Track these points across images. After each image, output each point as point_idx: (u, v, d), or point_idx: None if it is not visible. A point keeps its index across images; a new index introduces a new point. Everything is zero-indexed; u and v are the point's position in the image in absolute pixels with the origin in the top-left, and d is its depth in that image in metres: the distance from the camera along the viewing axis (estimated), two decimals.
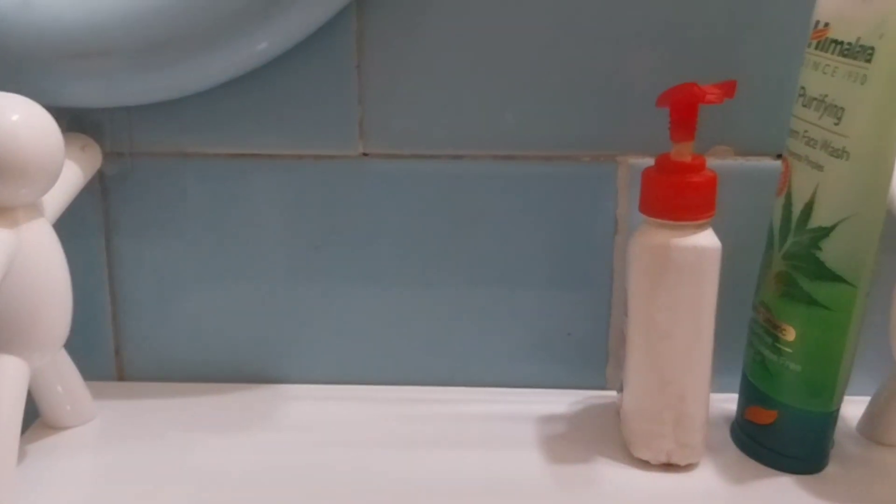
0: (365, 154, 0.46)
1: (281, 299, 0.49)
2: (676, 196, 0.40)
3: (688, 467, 0.42)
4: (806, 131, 0.39)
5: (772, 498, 0.40)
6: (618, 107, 0.45)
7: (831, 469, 0.42)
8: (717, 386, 0.45)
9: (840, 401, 0.41)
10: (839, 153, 0.37)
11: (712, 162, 0.45)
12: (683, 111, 0.39)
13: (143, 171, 0.47)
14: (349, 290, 0.48)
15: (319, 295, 0.48)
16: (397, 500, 0.40)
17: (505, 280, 0.48)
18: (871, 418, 0.44)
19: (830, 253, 0.38)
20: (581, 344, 0.49)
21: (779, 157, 0.43)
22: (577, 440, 0.44)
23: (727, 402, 0.45)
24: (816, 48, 0.39)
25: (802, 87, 0.40)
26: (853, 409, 0.45)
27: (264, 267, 0.48)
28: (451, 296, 0.48)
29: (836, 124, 0.37)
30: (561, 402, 0.47)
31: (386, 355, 0.49)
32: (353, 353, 0.49)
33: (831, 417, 0.41)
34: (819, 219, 0.39)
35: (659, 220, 0.40)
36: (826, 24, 0.39)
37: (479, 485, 0.41)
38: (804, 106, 0.40)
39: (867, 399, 0.45)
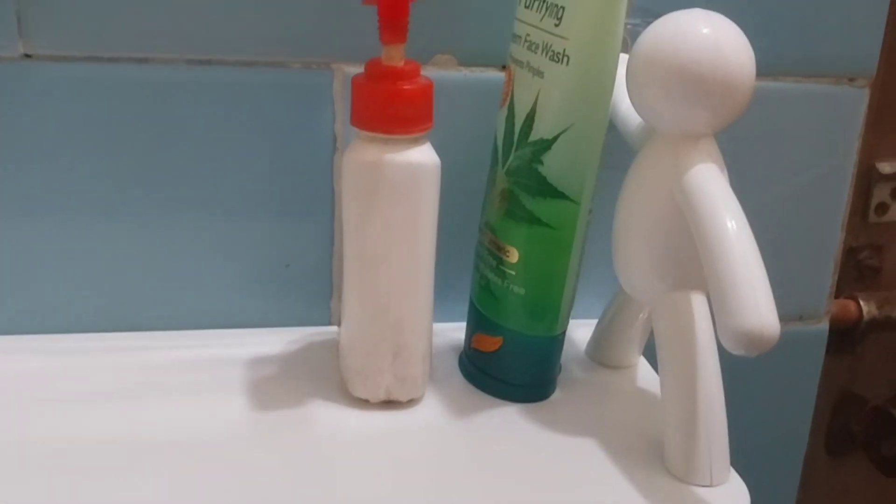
0: (27, 55, 0.38)
1: None
2: (387, 106, 0.35)
3: (409, 403, 0.38)
4: (528, 35, 0.36)
5: (494, 430, 0.38)
6: (331, 7, 0.40)
7: (558, 395, 0.40)
8: (447, 314, 0.43)
9: (565, 324, 0.39)
10: (559, 57, 0.34)
11: (434, 73, 0.41)
12: (392, 7, 0.35)
13: None
14: (19, 220, 0.40)
15: None
16: (89, 459, 0.34)
17: (210, 207, 0.42)
18: (597, 341, 0.43)
19: (552, 167, 0.36)
20: (302, 276, 0.44)
21: (504, 67, 0.40)
22: (293, 382, 0.40)
23: (457, 332, 0.43)
24: None
25: None
26: (583, 332, 0.44)
27: None
28: (146, 226, 0.41)
29: (557, 25, 0.35)
30: (278, 341, 0.43)
31: (72, 298, 0.42)
32: (32, 298, 0.42)
33: (556, 342, 0.39)
34: (541, 130, 0.36)
35: (370, 134, 0.36)
36: None
37: (181, 437, 0.36)
38: (526, 7, 0.37)
39: (595, 322, 0.44)
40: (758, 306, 0.30)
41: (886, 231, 0.60)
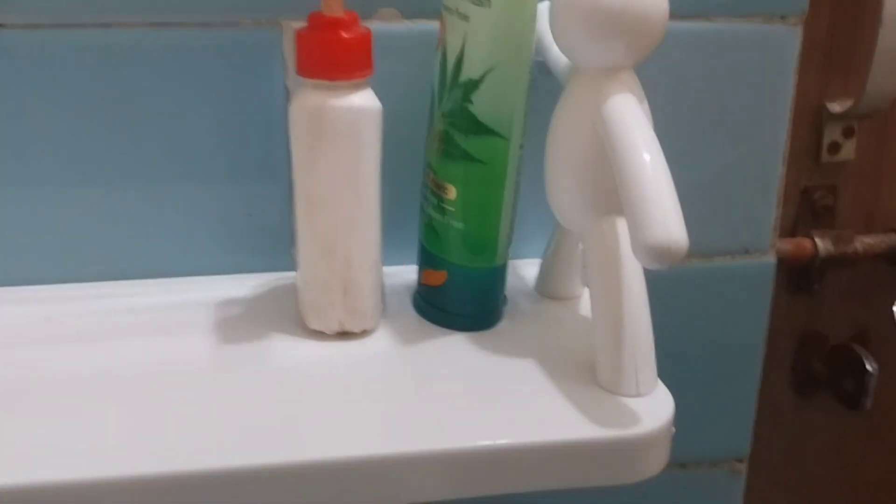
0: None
1: None
2: (328, 53, 0.38)
3: (362, 334, 0.41)
4: None
5: (442, 355, 0.40)
6: None
7: (503, 325, 0.43)
8: (403, 257, 0.45)
9: (505, 256, 0.42)
10: (481, 1, 0.37)
11: (379, 26, 0.44)
12: None
13: None
14: None
15: None
16: (59, 396, 0.37)
17: (174, 162, 0.44)
18: (542, 275, 0.45)
19: (481, 105, 0.38)
20: (264, 226, 0.46)
21: None
22: (254, 320, 0.42)
23: (412, 273, 0.45)
24: None
25: None
26: (534, 269, 0.47)
27: None
28: (115, 183, 0.44)
29: None
30: (243, 286, 0.45)
31: (48, 252, 0.45)
32: (9, 253, 0.45)
33: (497, 273, 0.42)
34: (469, 70, 0.38)
35: (314, 81, 0.38)
36: None
37: (149, 371, 0.39)
38: None
39: None
40: (665, 221, 0.33)
41: (840, 170, 0.62)
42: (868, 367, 0.63)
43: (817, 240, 0.61)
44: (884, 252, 0.61)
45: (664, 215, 0.33)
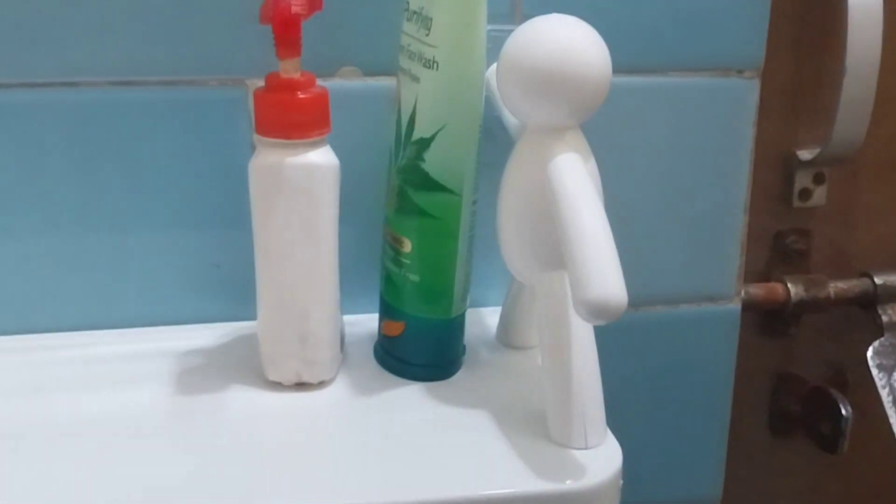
0: None
1: None
2: (285, 113, 0.39)
3: (319, 385, 0.42)
4: (409, 45, 0.40)
5: (397, 406, 0.41)
6: (243, 27, 0.43)
7: (461, 375, 0.43)
8: (369, 306, 0.46)
9: (461, 308, 0.42)
10: (430, 64, 0.38)
11: (340, 84, 0.45)
12: (283, 26, 0.38)
13: None
14: None
15: None
16: (10, 448, 0.38)
17: (143, 216, 0.46)
18: (502, 324, 0.46)
19: (433, 163, 0.39)
20: (232, 276, 0.47)
21: None
22: (217, 371, 0.43)
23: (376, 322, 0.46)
24: None
25: (407, 2, 0.40)
26: (496, 318, 0.47)
27: None
28: (81, 236, 0.45)
29: (427, 35, 0.38)
30: (209, 336, 0.46)
31: (9, 303, 0.46)
32: None
33: (454, 324, 0.43)
34: (420, 130, 0.39)
35: (271, 140, 0.39)
36: None
37: (104, 426, 0.39)
38: (408, 20, 0.40)
39: None
40: (604, 278, 0.33)
41: (812, 215, 0.62)
42: (843, 410, 0.63)
43: (790, 285, 0.61)
44: (856, 297, 0.62)
45: (602, 272, 0.34)
